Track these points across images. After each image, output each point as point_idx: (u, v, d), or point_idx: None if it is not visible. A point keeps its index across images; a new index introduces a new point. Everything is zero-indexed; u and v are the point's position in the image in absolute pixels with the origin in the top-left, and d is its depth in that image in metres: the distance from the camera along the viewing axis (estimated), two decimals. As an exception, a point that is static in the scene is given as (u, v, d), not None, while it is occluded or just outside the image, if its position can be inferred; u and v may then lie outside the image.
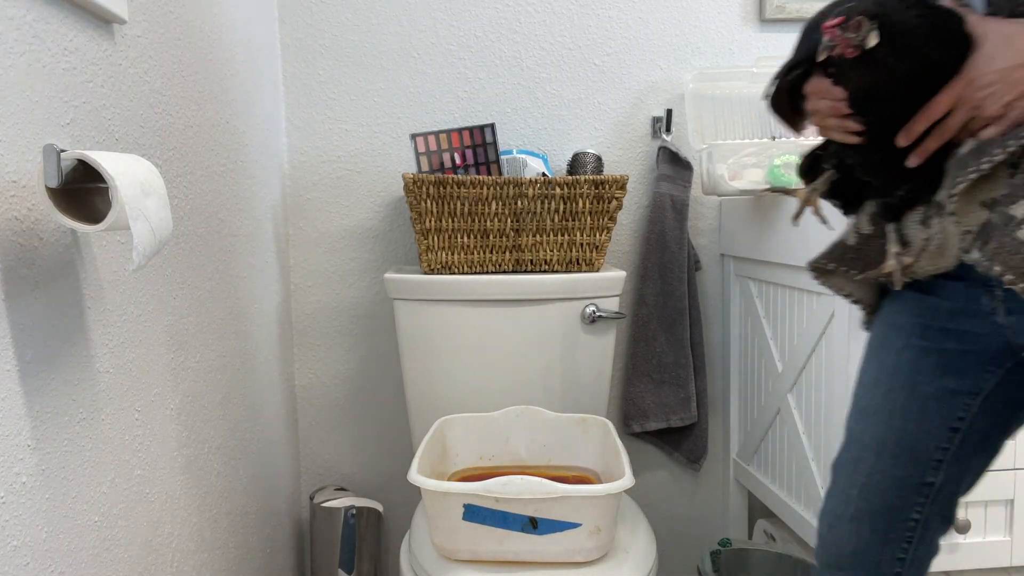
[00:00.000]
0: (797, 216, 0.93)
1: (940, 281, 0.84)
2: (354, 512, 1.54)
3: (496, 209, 1.40)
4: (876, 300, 0.93)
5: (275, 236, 1.52)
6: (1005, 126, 0.65)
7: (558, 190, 1.40)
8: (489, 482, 0.96)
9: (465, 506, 0.97)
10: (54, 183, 0.63)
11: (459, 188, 1.38)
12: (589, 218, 1.42)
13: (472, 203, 1.39)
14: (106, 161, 0.63)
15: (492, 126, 1.46)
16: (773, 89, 0.83)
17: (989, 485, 1.21)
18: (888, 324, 0.89)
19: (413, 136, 1.44)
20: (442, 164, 1.45)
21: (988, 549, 1.22)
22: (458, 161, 1.45)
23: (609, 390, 1.51)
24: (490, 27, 1.61)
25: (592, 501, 0.97)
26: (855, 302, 0.94)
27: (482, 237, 1.42)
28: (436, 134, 1.45)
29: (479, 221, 1.41)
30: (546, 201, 1.41)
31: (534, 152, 1.55)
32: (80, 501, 0.74)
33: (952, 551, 1.21)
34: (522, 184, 1.39)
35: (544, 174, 1.46)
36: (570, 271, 1.45)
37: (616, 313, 1.45)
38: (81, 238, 0.75)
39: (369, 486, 1.72)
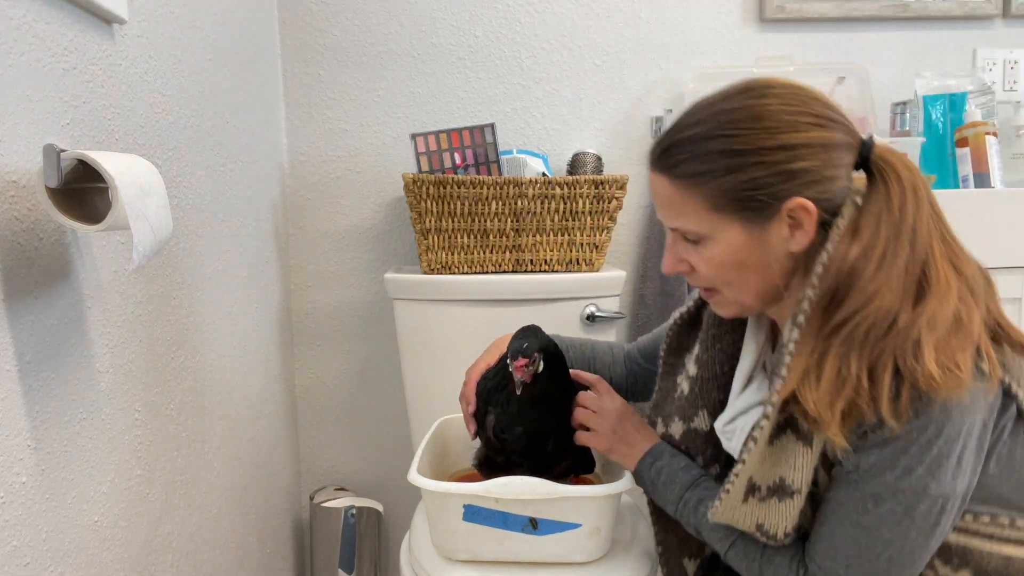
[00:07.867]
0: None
1: None
2: (354, 512, 1.54)
3: (496, 209, 1.40)
4: None
5: (275, 236, 1.52)
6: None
7: (558, 190, 1.40)
8: (489, 483, 0.96)
9: (465, 507, 0.96)
10: (54, 183, 0.63)
11: (459, 188, 1.38)
12: (589, 218, 1.42)
13: (472, 203, 1.39)
14: (106, 161, 0.63)
15: (492, 126, 1.45)
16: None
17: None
18: None
19: (413, 136, 1.44)
20: (442, 164, 1.45)
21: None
22: (458, 161, 1.45)
23: (609, 390, 1.50)
24: (490, 27, 1.61)
25: (592, 501, 0.97)
26: None
27: (482, 237, 1.42)
28: (436, 134, 1.45)
29: (479, 221, 1.41)
30: (546, 201, 1.40)
31: (534, 152, 1.55)
32: (80, 501, 0.74)
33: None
34: (522, 184, 1.39)
35: (544, 174, 1.46)
36: (570, 271, 1.45)
37: (616, 313, 1.44)
38: (81, 238, 0.75)
39: (369, 486, 1.72)
